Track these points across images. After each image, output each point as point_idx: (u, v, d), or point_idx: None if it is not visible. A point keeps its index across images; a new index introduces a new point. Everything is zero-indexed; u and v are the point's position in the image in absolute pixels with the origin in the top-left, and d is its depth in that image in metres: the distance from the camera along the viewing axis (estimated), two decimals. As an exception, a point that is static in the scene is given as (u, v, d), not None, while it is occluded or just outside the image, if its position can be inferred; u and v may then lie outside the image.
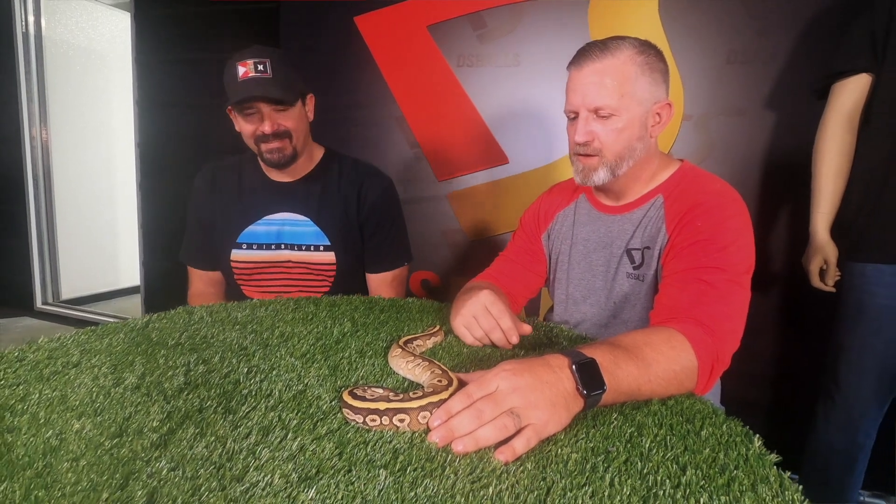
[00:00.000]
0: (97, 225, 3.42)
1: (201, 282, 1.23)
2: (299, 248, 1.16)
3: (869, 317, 1.12)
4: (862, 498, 1.46)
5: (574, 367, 0.52)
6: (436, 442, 0.46)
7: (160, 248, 2.56)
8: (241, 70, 1.02)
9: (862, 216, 1.13)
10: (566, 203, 1.03)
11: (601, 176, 0.85)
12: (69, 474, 0.39)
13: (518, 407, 0.47)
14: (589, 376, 0.52)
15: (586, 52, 0.83)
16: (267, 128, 1.05)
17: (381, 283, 1.22)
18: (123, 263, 3.54)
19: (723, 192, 0.82)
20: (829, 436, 1.23)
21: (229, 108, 1.10)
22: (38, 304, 3.11)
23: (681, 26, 1.53)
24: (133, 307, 3.21)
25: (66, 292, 3.22)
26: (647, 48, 0.83)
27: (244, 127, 1.08)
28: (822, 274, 1.21)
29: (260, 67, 1.02)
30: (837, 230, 1.19)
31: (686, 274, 0.75)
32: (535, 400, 0.48)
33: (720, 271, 0.73)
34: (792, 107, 1.44)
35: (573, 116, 0.87)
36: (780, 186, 1.48)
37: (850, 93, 1.15)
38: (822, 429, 1.24)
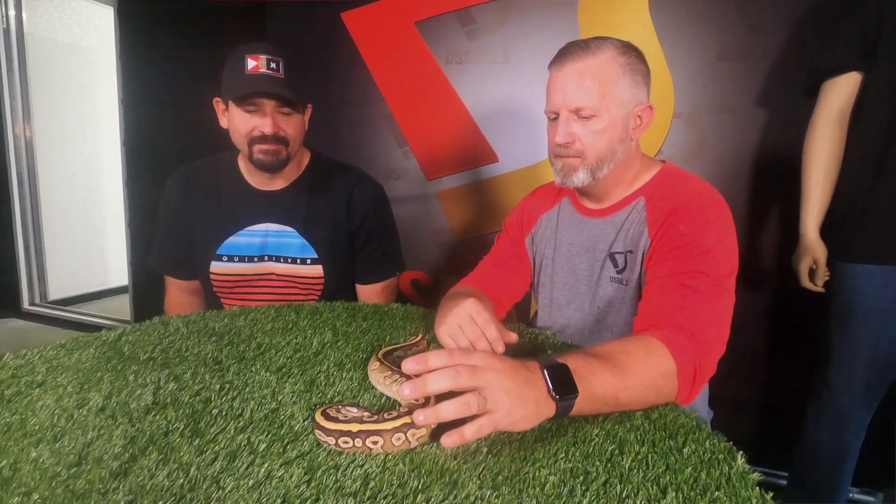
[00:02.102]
0: (84, 224, 3.37)
1: (179, 290, 1.18)
2: (284, 260, 1.10)
3: (858, 317, 1.11)
4: (851, 495, 1.47)
5: (545, 370, 0.51)
6: (406, 394, 0.46)
7: (148, 247, 2.52)
8: (250, 63, 0.96)
9: (852, 216, 1.12)
10: (549, 206, 1.01)
11: (581, 177, 0.84)
12: (19, 510, 0.37)
13: (490, 388, 0.47)
14: (561, 380, 0.51)
15: (568, 52, 0.81)
16: (268, 128, 0.99)
17: (370, 295, 1.18)
18: (111, 263, 3.50)
19: (704, 194, 0.81)
20: (819, 435, 1.22)
21: (217, 99, 1.04)
22: (25, 304, 3.06)
23: (671, 23, 1.51)
24: (121, 307, 3.18)
25: (54, 293, 3.17)
26: (629, 49, 0.81)
27: (241, 123, 1.00)
28: (812, 274, 1.20)
29: (273, 65, 0.97)
30: (827, 230, 1.18)
31: (669, 279, 0.73)
32: (508, 387, 0.47)
33: (703, 276, 0.72)
34: (783, 105, 1.42)
35: (553, 117, 0.85)
36: (770, 185, 1.46)
37: (840, 91, 1.13)
38: (812, 428, 1.24)
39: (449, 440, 0.43)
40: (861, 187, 1.11)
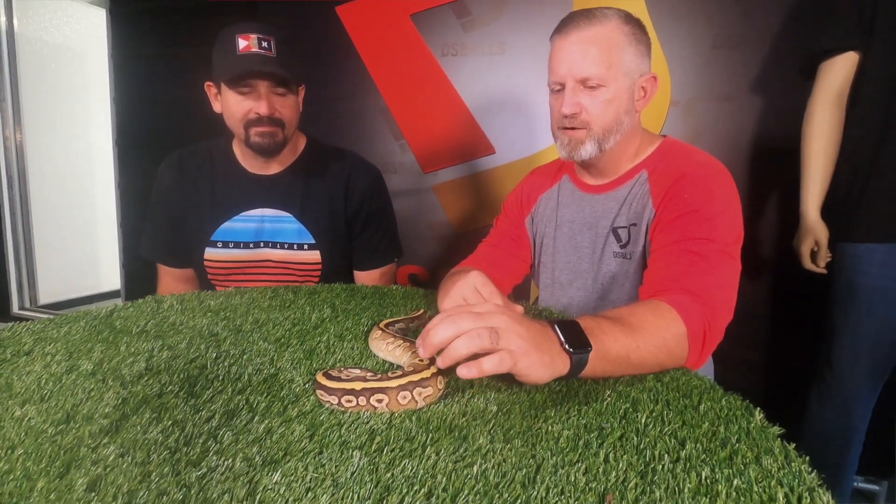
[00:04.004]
0: (75, 226, 3.31)
1: (172, 279, 1.15)
2: (281, 246, 1.08)
3: (861, 297, 1.10)
4: (856, 483, 1.45)
5: (555, 325, 0.51)
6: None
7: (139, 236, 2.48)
8: (241, 43, 0.94)
9: (852, 196, 1.11)
10: (549, 185, 1.00)
11: (588, 149, 0.82)
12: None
13: (503, 329, 0.45)
14: (573, 335, 0.50)
15: (572, 21, 0.80)
16: (264, 109, 0.96)
17: (368, 282, 1.16)
18: (104, 266, 3.44)
19: (708, 163, 0.80)
20: (824, 419, 1.21)
21: (209, 83, 1.01)
22: (15, 309, 3.00)
23: (667, 11, 1.51)
24: (114, 311, 3.12)
25: (45, 297, 3.11)
26: (631, 19, 0.81)
27: (235, 106, 0.98)
28: (814, 255, 1.19)
29: (264, 44, 0.95)
30: (828, 210, 1.17)
31: (674, 246, 0.72)
32: (521, 331, 0.46)
33: (709, 242, 0.71)
34: (780, 90, 1.42)
35: (558, 88, 0.84)
36: (769, 171, 1.46)
37: (839, 72, 1.13)
38: (816, 413, 1.22)
39: (466, 370, 0.43)
40: (861, 167, 1.11)
